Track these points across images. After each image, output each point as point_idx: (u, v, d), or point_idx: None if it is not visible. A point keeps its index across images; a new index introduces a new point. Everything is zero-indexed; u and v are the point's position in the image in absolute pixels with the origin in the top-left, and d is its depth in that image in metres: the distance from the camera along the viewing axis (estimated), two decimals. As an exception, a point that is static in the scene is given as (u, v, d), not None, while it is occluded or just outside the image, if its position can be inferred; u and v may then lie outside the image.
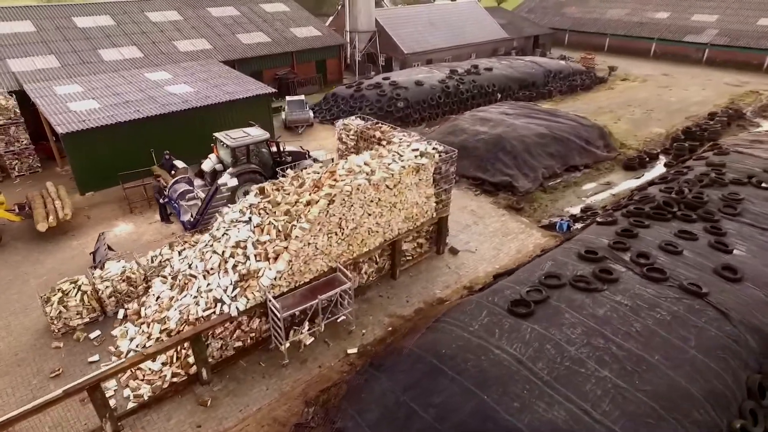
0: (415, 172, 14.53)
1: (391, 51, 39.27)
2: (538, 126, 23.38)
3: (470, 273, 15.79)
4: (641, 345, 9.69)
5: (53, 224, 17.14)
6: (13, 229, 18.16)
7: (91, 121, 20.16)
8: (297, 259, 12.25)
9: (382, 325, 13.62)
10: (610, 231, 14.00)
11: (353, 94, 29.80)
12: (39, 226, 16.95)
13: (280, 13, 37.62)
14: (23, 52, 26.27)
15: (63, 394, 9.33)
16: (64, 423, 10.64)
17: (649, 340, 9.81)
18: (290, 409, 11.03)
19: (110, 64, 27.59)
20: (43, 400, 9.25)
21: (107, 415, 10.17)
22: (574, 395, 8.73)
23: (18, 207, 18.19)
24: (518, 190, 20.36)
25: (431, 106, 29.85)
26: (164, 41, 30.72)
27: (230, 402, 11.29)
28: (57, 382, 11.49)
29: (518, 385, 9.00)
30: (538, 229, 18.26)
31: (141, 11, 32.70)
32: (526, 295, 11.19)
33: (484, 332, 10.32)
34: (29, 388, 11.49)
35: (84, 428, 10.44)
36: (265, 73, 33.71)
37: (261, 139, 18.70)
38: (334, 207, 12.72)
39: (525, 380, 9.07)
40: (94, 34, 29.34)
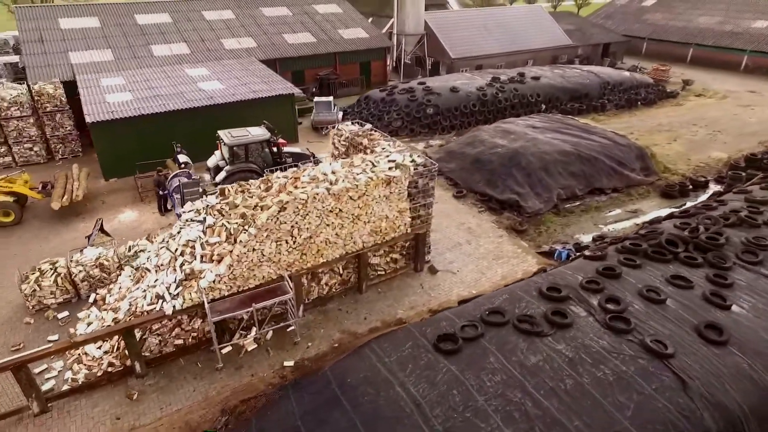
0: (386, 184, 13.85)
1: (438, 55, 38.31)
2: (563, 142, 21.54)
3: (442, 295, 14.81)
4: (564, 406, 8.42)
5: (65, 204, 18.45)
6: (38, 207, 19.82)
7: (118, 113, 21.50)
8: (239, 263, 12.12)
9: (330, 340, 13.14)
10: (592, 267, 12.44)
11: (384, 98, 29.38)
12: (53, 204, 18.36)
13: (330, 14, 38.05)
14: (85, 46, 28.71)
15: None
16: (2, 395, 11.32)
17: (576, 402, 8.50)
18: (206, 415, 10.92)
19: (159, 59, 29.36)
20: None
21: (33, 395, 10.66)
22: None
23: (42, 185, 19.82)
24: (525, 210, 18.86)
25: (464, 114, 28.65)
26: (213, 39, 32.19)
27: (155, 399, 11.40)
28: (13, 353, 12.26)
29: (405, 431, 8.17)
30: (534, 255, 16.77)
31: (199, 10, 34.52)
32: (459, 330, 10.19)
33: (396, 365, 9.53)
34: (-11, 359, 12.37)
35: (14, 404, 11.01)
36: (307, 72, 34.27)
37: (260, 139, 18.88)
38: (285, 214, 12.44)
39: (414, 427, 8.21)
40: (151, 30, 31.41)
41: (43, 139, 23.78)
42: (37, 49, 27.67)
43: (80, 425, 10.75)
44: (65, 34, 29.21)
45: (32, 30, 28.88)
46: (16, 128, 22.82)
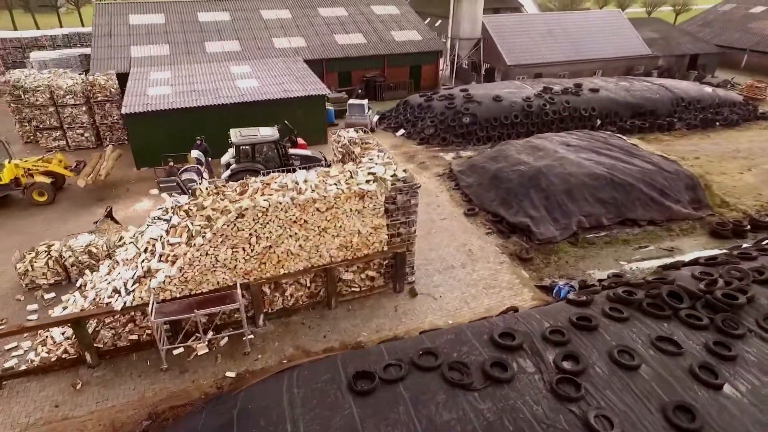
0: (359, 198, 13.09)
1: (494, 61, 36.43)
2: (596, 164, 19.31)
3: (414, 322, 13.75)
4: (458, 480, 7.23)
5: (90, 182, 19.69)
6: (74, 190, 21.21)
7: (152, 105, 22.59)
8: (191, 267, 11.99)
9: (281, 354, 12.65)
10: (567, 314, 10.81)
11: (422, 103, 28.38)
12: (78, 181, 19.71)
13: (387, 16, 37.59)
14: (146, 41, 30.67)
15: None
16: (-31, 368, 12.10)
17: (474, 477, 7.27)
18: (134, 416, 10.89)
19: (210, 55, 30.64)
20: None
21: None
22: None
23: (76, 164, 21.28)
24: (536, 236, 17.11)
25: (504, 126, 26.85)
26: (265, 38, 33.02)
27: (96, 391, 11.59)
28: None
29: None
30: (532, 289, 15.11)
31: (258, 9, 35.62)
32: (382, 369, 9.23)
33: (301, 399, 8.79)
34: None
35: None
36: (354, 74, 34.11)
37: (267, 140, 18.84)
38: (244, 221, 12.14)
39: (285, 474, 7.46)
40: (209, 28, 32.89)
41: (93, 126, 25.66)
42: (105, 42, 30.00)
43: (23, 407, 11.17)
44: (132, 29, 31.41)
45: (104, 25, 31.38)
46: (70, 115, 24.82)
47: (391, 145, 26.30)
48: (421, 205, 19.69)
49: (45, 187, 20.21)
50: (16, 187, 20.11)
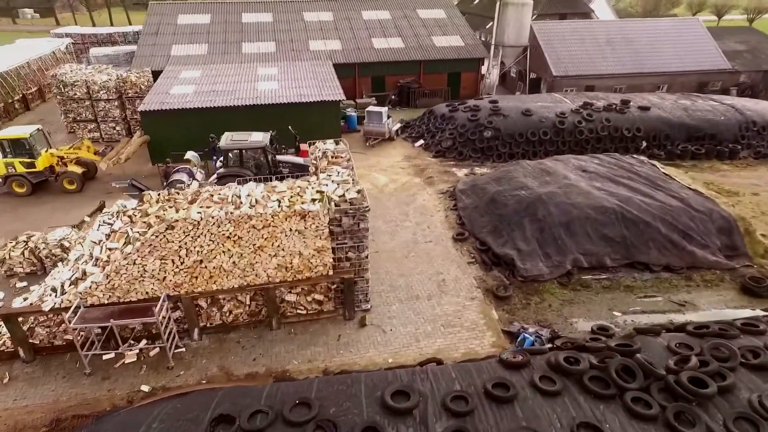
0: (300, 217, 12.29)
1: (541, 71, 33.88)
2: (609, 195, 16.98)
3: (352, 355, 12.69)
4: None
5: (111, 165, 20.71)
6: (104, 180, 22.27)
7: (167, 104, 23.26)
8: (117, 275, 11.85)
9: (203, 374, 12.17)
10: (488, 377, 9.29)
11: (445, 113, 26.91)
12: (101, 164, 20.86)
13: (431, 20, 36.30)
14: (188, 40, 31.89)
15: None
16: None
17: None
18: (38, 421, 10.90)
19: (245, 55, 31.21)
20: None
21: (-74, 356, 11.84)
22: None
23: (103, 149, 22.41)
24: (519, 271, 15.31)
25: (530, 143, 24.72)
26: (302, 39, 33.09)
27: (18, 388, 11.78)
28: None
29: None
30: (497, 333, 13.45)
31: (301, 11, 35.84)
32: (248, 416, 8.37)
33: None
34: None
35: None
36: (388, 79, 33.27)
37: (254, 146, 18.55)
38: (174, 233, 11.80)
39: None
40: (249, 29, 33.54)
41: (124, 120, 27.01)
42: (150, 40, 31.58)
43: (-53, 396, 11.61)
44: (177, 28, 32.81)
45: (154, 24, 33.06)
46: (103, 109, 26.27)
47: (404, 156, 25.18)
48: (411, 224, 18.70)
49: (74, 176, 21.44)
50: (51, 175, 21.54)
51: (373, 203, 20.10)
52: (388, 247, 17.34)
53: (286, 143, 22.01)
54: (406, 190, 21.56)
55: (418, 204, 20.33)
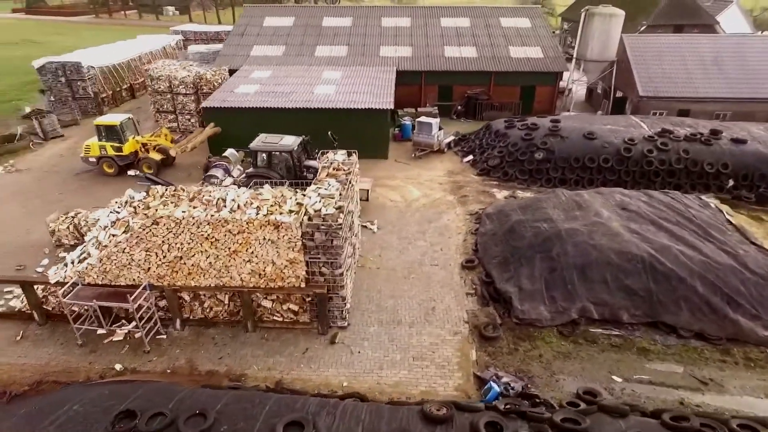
0: (274, 227, 12.45)
1: (628, 89, 30.59)
2: (641, 241, 14.83)
3: (311, 372, 12.57)
4: None
5: (179, 152, 22.83)
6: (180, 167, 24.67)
7: (227, 102, 24.89)
8: (108, 260, 12.96)
9: (172, 363, 12.85)
10: (384, 425, 8.64)
11: (500, 129, 25.47)
12: (171, 151, 23.01)
13: (513, 29, 34.58)
14: (268, 41, 33.81)
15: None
16: (-27, 299, 15.14)
17: None
18: (27, 379, 12.27)
19: (317, 58, 32.31)
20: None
21: (-35, 307, 13.97)
22: None
23: (179, 137, 24.72)
24: (515, 312, 14.02)
25: (586, 169, 22.48)
26: (374, 45, 33.41)
27: (24, 347, 13.36)
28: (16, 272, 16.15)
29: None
30: (466, 376, 12.47)
31: (380, 16, 36.19)
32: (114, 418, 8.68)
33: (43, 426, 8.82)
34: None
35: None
36: (456, 89, 32.35)
37: (281, 149, 19.06)
38: (158, 228, 12.63)
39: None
40: (327, 32, 34.63)
41: (198, 113, 29.41)
42: (236, 41, 34.04)
43: (-25, 342, 13.58)
44: (262, 30, 34.95)
45: (242, 25, 35.58)
46: (181, 102, 28.88)
47: (447, 171, 24.31)
48: (424, 244, 18.07)
49: (152, 162, 23.92)
50: (135, 159, 24.30)
51: (395, 217, 19.90)
52: (391, 264, 16.90)
53: (326, 149, 22.36)
54: (435, 207, 20.81)
55: (441, 223, 19.53)
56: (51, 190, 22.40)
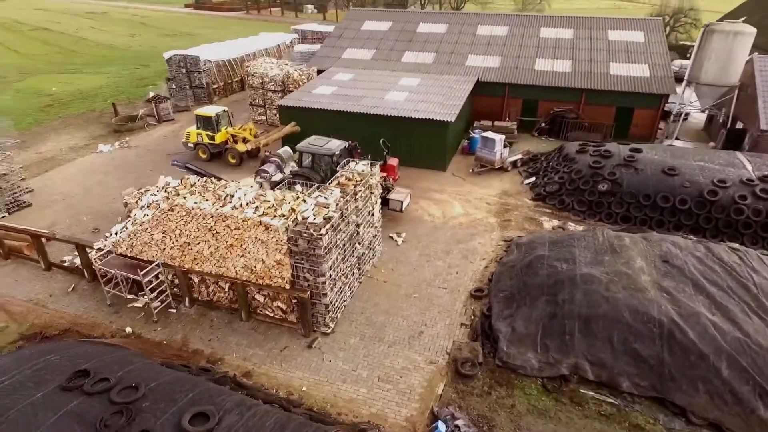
0: (265, 228, 13.23)
1: (748, 120, 26.01)
2: (669, 302, 12.74)
3: (277, 370, 13.13)
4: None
5: (254, 146, 25.01)
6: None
7: (301, 102, 26.47)
8: (134, 236, 14.83)
9: (168, 336, 14.33)
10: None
11: (569, 153, 23.47)
12: (248, 144, 25.29)
13: (622, 43, 31.40)
14: (361, 45, 34.93)
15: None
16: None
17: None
18: (60, 326, 14.69)
19: (403, 64, 32.67)
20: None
21: (41, 257, 17.04)
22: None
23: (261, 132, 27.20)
24: (499, 354, 13.09)
25: (656, 209, 19.77)
26: (462, 53, 32.74)
27: (71, 298, 15.94)
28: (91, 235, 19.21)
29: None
30: (423, 409, 12.03)
31: (476, 24, 35.29)
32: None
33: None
34: (78, 228, 19.79)
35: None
36: (542, 104, 30.45)
37: (322, 152, 19.77)
38: (173, 215, 14.17)
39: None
40: (419, 38, 34.72)
41: (283, 109, 31.67)
42: (332, 42, 35.81)
43: (34, 286, 16.46)
44: (358, 33, 36.26)
45: (342, 28, 37.27)
46: (270, 98, 31.34)
47: (501, 191, 23.11)
48: (442, 264, 17.69)
49: (236, 152, 26.67)
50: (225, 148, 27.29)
51: (425, 232, 19.62)
52: (399, 280, 16.75)
53: (378, 155, 22.77)
54: (471, 228, 20.02)
55: (470, 245, 18.77)
56: (145, 167, 25.95)
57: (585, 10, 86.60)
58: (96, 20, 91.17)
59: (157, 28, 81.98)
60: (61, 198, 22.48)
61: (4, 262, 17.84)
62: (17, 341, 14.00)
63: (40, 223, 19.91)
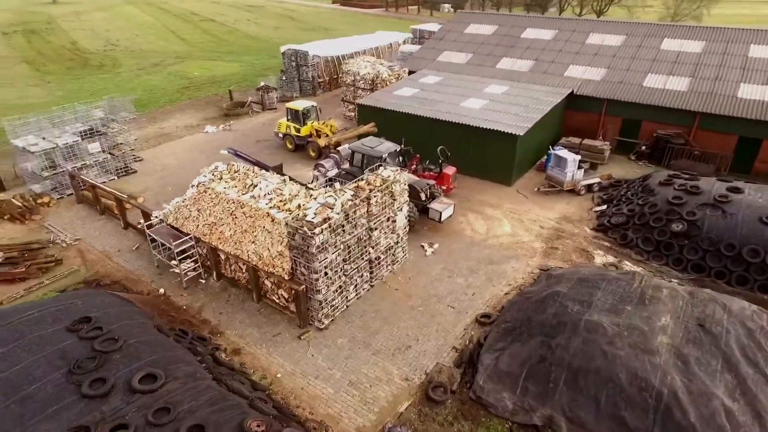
0: (271, 220, 14.15)
1: None
2: (680, 372, 10.79)
3: (261, 353, 14.00)
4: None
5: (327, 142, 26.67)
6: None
7: (379, 102, 27.08)
8: (178, 210, 16.83)
9: (190, 303, 16.04)
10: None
11: (650, 184, 20.64)
12: (320, 141, 27.02)
13: (763, 61, 26.49)
14: (459, 48, 34.31)
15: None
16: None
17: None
18: (114, 276, 17.34)
19: (497, 70, 31.43)
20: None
21: (121, 218, 20.19)
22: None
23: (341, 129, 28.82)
24: (474, 387, 12.35)
25: (740, 262, 16.57)
26: (563, 62, 30.41)
27: (133, 254, 18.65)
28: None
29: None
30: (377, 422, 11.93)
31: (587, 32, 32.48)
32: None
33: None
34: (162, 197, 22.83)
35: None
36: (645, 125, 27.12)
37: (372, 153, 20.11)
38: (206, 196, 15.83)
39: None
40: (522, 44, 33.02)
41: (370, 107, 32.59)
42: (431, 44, 35.77)
43: (105, 242, 19.55)
44: (460, 36, 35.66)
45: (445, 30, 36.96)
46: (360, 95, 32.50)
47: (561, 216, 21.24)
48: (461, 283, 17.52)
49: (316, 146, 28.58)
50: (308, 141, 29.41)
51: (460, 247, 19.08)
52: (411, 290, 16.54)
53: (440, 161, 22.56)
54: (511, 250, 18.84)
55: (500, 268, 17.74)
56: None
57: (745, 19, 73.62)
58: (253, 13, 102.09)
59: (300, 23, 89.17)
60: (160, 169, 26.14)
61: (99, 216, 21.43)
62: (80, 283, 16.89)
63: (136, 189, 23.51)
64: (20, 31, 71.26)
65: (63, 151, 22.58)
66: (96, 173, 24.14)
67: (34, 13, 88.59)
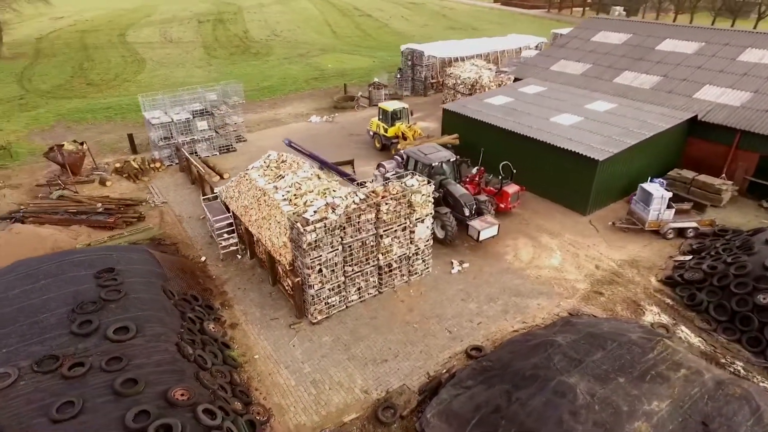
0: (280, 211, 15.01)
1: None
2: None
3: (254, 332, 15.00)
4: None
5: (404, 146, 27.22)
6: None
7: (463, 109, 26.25)
8: (229, 189, 18.69)
9: (219, 275, 17.79)
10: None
11: (752, 240, 16.64)
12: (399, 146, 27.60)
13: None
14: (578, 58, 31.17)
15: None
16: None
17: None
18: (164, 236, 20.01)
19: (614, 85, 27.91)
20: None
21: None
22: None
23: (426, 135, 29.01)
24: (422, 418, 11.68)
25: (841, 362, 12.61)
26: (700, 82, 25.70)
27: (194, 222, 21.25)
28: None
29: None
30: (319, 425, 12.04)
31: (742, 46, 26.91)
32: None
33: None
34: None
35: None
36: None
37: (423, 160, 19.70)
38: (244, 180, 17.37)
39: None
40: (654, 57, 28.65)
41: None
42: (549, 52, 33.25)
43: (183, 208, 22.43)
44: (586, 44, 32.27)
45: (570, 37, 33.79)
46: (458, 99, 31.79)
47: (630, 259, 18.33)
48: (473, 308, 17.13)
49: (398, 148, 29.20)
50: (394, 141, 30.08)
51: (491, 271, 18.19)
52: (416, 305, 16.06)
53: (501, 177, 21.29)
54: (546, 285, 16.98)
55: (524, 303, 16.16)
56: (324, 140, 30.47)
57: None
58: (410, 10, 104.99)
59: (451, 21, 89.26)
60: (256, 150, 28.96)
61: (190, 185, 24.76)
62: (147, 240, 19.86)
63: (228, 165, 26.48)
64: (212, 20, 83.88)
65: (177, 126, 26.47)
66: (204, 147, 27.81)
67: (228, 3, 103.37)
